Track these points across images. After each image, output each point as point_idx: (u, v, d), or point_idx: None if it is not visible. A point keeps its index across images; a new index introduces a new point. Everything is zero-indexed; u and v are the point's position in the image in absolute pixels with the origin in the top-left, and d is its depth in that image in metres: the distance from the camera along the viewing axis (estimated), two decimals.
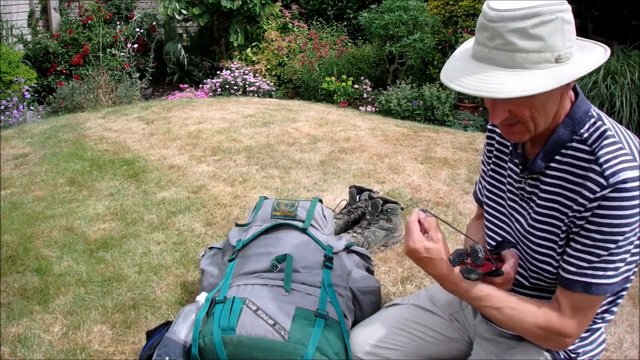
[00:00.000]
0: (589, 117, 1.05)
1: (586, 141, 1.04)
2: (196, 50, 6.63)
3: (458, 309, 1.43)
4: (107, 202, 2.70)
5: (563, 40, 0.94)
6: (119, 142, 3.60)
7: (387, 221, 2.27)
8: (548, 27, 0.92)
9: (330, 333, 1.36)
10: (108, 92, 5.30)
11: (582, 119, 1.05)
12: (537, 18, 0.92)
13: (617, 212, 0.98)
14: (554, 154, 1.07)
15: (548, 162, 1.08)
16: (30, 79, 5.32)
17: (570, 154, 1.06)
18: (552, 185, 1.08)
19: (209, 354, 1.33)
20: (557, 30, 0.93)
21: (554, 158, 1.08)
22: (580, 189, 1.02)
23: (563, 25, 0.93)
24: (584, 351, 1.23)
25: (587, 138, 1.04)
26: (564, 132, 1.05)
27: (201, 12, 5.84)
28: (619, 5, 4.46)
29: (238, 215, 2.54)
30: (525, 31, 0.92)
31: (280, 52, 5.99)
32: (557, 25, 0.93)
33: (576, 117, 1.05)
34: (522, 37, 0.93)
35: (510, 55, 0.94)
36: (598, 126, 1.04)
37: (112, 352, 1.65)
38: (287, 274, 1.52)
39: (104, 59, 6.04)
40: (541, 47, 0.93)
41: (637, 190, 0.97)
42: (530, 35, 0.92)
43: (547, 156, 1.08)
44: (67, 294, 1.94)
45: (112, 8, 6.91)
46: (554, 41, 0.93)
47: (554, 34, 0.93)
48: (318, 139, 3.62)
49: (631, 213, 0.98)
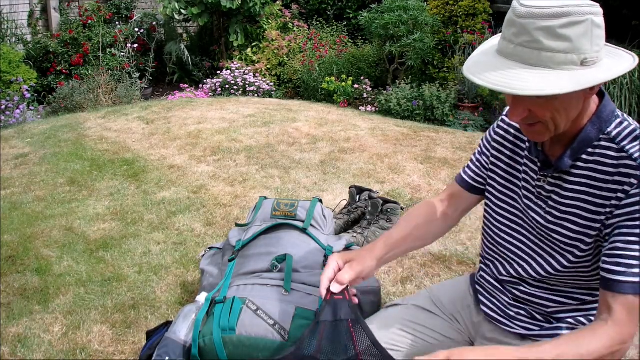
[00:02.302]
0: (616, 116, 1.05)
1: (614, 139, 1.03)
2: (196, 50, 6.63)
3: (459, 309, 1.43)
4: (107, 202, 2.70)
5: (591, 44, 0.93)
6: (119, 142, 3.60)
7: (387, 221, 2.27)
8: (577, 28, 0.91)
9: None
10: (108, 92, 5.30)
11: (608, 118, 1.04)
12: (566, 18, 0.90)
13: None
14: (581, 153, 1.06)
15: (575, 161, 1.07)
16: (30, 79, 5.32)
17: (598, 152, 1.04)
18: (578, 184, 1.07)
19: (209, 354, 1.33)
20: (587, 33, 0.92)
21: (581, 157, 1.06)
22: (613, 186, 1.01)
23: (593, 28, 0.92)
24: None
25: (616, 136, 1.03)
26: (592, 131, 1.04)
27: (201, 12, 5.84)
28: (619, 5, 4.46)
29: (238, 215, 2.54)
30: (554, 30, 0.91)
31: (280, 51, 6.00)
32: (587, 28, 0.92)
33: (603, 116, 1.04)
34: (549, 36, 0.91)
35: (535, 54, 0.93)
36: (625, 125, 1.04)
37: (112, 352, 1.65)
38: (287, 274, 1.52)
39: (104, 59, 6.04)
40: (568, 48, 0.92)
41: None
42: (558, 35, 0.91)
43: (574, 154, 1.06)
44: (67, 294, 1.94)
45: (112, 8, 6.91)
46: (582, 44, 0.92)
47: (583, 36, 0.92)
48: (318, 139, 3.62)
49: None
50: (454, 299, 1.43)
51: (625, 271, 0.99)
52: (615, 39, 4.17)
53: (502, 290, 1.28)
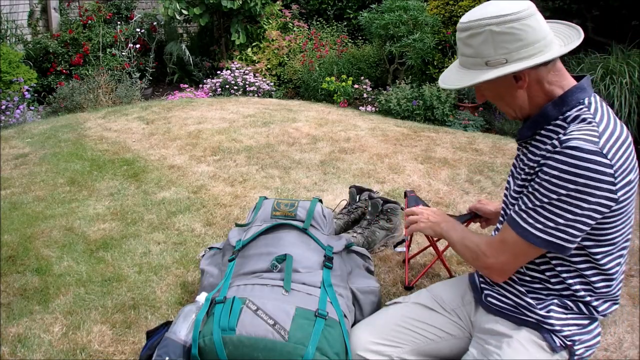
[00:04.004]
0: (580, 103, 1.19)
1: (566, 119, 1.19)
2: (196, 50, 6.63)
3: (460, 306, 1.44)
4: (107, 202, 2.70)
5: (495, 49, 1.16)
6: (119, 142, 3.60)
7: (387, 221, 2.27)
8: (477, 38, 1.17)
9: (330, 333, 1.36)
10: (108, 92, 5.30)
11: (571, 103, 1.19)
12: (468, 31, 1.18)
13: (558, 172, 1.10)
14: (538, 127, 1.23)
15: (533, 133, 1.24)
16: (31, 79, 5.32)
17: (552, 129, 1.21)
18: (531, 153, 1.23)
19: (209, 354, 1.33)
20: (486, 41, 1.16)
21: (539, 131, 1.23)
22: (543, 152, 1.18)
23: (493, 36, 1.15)
24: (580, 340, 1.26)
25: (568, 117, 1.19)
26: (552, 110, 1.20)
27: (201, 12, 5.84)
28: (619, 5, 4.46)
29: (238, 215, 2.54)
30: (463, 40, 1.21)
31: (280, 51, 5.99)
32: (486, 37, 1.15)
33: (567, 100, 1.19)
34: (463, 45, 1.21)
35: (462, 59, 1.24)
36: (583, 112, 1.17)
37: (112, 352, 1.65)
38: (287, 274, 1.51)
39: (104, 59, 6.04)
40: (472, 54, 1.19)
41: (585, 161, 1.08)
42: (467, 44, 1.20)
43: (532, 127, 1.24)
44: (67, 294, 1.94)
45: (112, 8, 6.91)
46: (483, 49, 1.17)
47: (483, 44, 1.16)
48: (318, 139, 3.62)
49: (572, 178, 1.09)
50: (454, 297, 1.46)
51: (515, 209, 1.21)
52: (614, 39, 4.17)
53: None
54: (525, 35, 1.13)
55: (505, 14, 1.13)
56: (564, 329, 1.24)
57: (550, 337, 1.24)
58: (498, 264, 1.25)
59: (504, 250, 1.23)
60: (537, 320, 1.26)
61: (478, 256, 1.29)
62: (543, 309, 1.25)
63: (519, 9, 1.13)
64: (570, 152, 1.09)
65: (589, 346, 1.27)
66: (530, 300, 1.27)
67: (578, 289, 1.23)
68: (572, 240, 1.13)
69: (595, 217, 1.11)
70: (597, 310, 1.25)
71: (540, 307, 1.26)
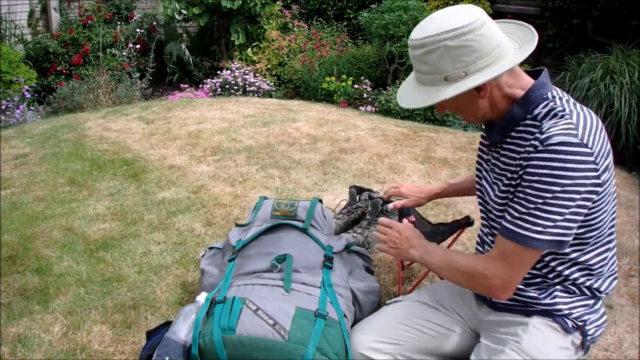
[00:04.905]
0: (544, 99, 1.18)
1: (536, 117, 1.18)
2: (196, 50, 6.63)
3: (460, 302, 1.44)
4: (107, 202, 2.70)
5: (452, 64, 1.13)
6: (119, 142, 3.60)
7: None
8: (433, 55, 1.13)
9: (330, 333, 1.36)
10: (108, 92, 5.30)
11: (536, 100, 1.18)
12: (423, 48, 1.14)
13: (547, 171, 1.09)
14: (508, 130, 1.22)
15: (504, 137, 1.23)
16: (31, 79, 5.32)
17: (523, 129, 1.19)
18: (507, 157, 1.22)
19: (209, 354, 1.33)
20: (442, 57, 1.13)
21: (510, 134, 1.22)
22: (523, 154, 1.16)
23: (449, 51, 1.12)
24: (590, 319, 1.27)
25: (538, 115, 1.18)
26: (518, 111, 1.20)
27: (201, 12, 5.84)
28: (619, 5, 4.46)
29: (238, 215, 2.54)
30: (419, 58, 1.17)
31: (280, 51, 5.99)
32: (442, 53, 1.12)
33: (531, 99, 1.19)
34: (418, 62, 1.18)
35: (418, 76, 1.20)
36: (551, 106, 1.17)
37: (112, 352, 1.65)
38: (287, 274, 1.52)
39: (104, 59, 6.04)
40: (430, 70, 1.16)
41: (570, 154, 1.07)
42: (423, 61, 1.16)
43: (502, 131, 1.23)
44: (67, 294, 1.94)
45: (112, 8, 6.91)
46: (441, 65, 1.14)
47: (439, 60, 1.13)
48: (318, 139, 3.62)
49: (562, 174, 1.08)
50: (453, 294, 1.46)
51: (509, 219, 1.16)
52: (615, 39, 4.17)
53: None
54: (481, 45, 1.12)
55: (458, 27, 1.10)
56: (573, 312, 1.25)
57: (562, 320, 1.25)
58: (502, 281, 1.18)
59: (507, 264, 1.17)
60: (545, 308, 1.26)
61: (476, 279, 1.21)
62: (547, 298, 1.26)
63: (471, 19, 1.11)
64: (555, 149, 1.08)
65: (598, 325, 1.29)
66: (533, 293, 1.27)
67: (577, 277, 1.24)
68: (570, 234, 1.13)
69: (587, 205, 1.11)
70: (600, 290, 1.26)
71: (544, 297, 1.26)
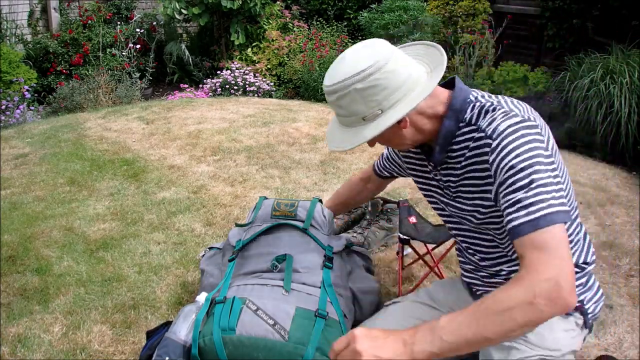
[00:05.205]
0: (468, 102, 1.19)
1: (471, 122, 1.18)
2: (196, 50, 6.63)
3: (456, 301, 1.43)
4: (107, 202, 2.70)
5: (365, 105, 1.13)
6: (119, 142, 3.60)
7: (387, 221, 2.27)
8: (345, 99, 1.14)
9: (330, 333, 1.36)
10: (108, 92, 5.30)
11: (462, 107, 1.19)
12: (335, 94, 1.14)
13: (513, 155, 1.07)
14: (447, 145, 1.22)
15: (446, 153, 1.23)
16: (31, 79, 5.32)
17: (462, 139, 1.19)
18: (460, 169, 1.21)
19: (209, 354, 1.33)
20: (354, 100, 1.13)
21: (451, 148, 1.22)
22: (483, 158, 1.15)
23: (359, 93, 1.12)
24: (587, 297, 1.26)
25: (471, 119, 1.18)
26: (450, 124, 1.20)
27: (201, 12, 5.84)
28: (619, 5, 4.46)
29: (238, 215, 2.54)
30: (334, 103, 1.17)
31: (280, 51, 5.99)
32: (353, 97, 1.12)
33: (456, 108, 1.19)
34: (335, 107, 1.18)
35: (339, 118, 1.21)
36: (479, 106, 1.18)
37: (112, 352, 1.65)
38: (287, 274, 1.51)
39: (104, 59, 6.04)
40: (347, 113, 1.16)
41: (522, 130, 1.08)
42: (338, 105, 1.17)
43: (442, 149, 1.22)
44: (67, 294, 1.94)
45: (112, 8, 6.91)
46: (355, 108, 1.14)
47: (352, 103, 1.13)
48: (318, 139, 3.62)
49: (527, 148, 1.06)
50: (451, 293, 1.46)
51: (517, 217, 1.03)
52: (615, 39, 4.17)
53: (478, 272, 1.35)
54: (389, 82, 1.11)
55: (365, 68, 1.10)
56: None
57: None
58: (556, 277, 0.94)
59: (545, 253, 0.97)
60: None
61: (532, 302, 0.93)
62: None
63: (377, 58, 1.11)
64: (507, 133, 1.08)
65: (595, 302, 1.27)
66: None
67: None
68: (567, 202, 1.08)
69: (556, 168, 1.11)
70: (586, 262, 1.25)
71: None
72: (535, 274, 0.95)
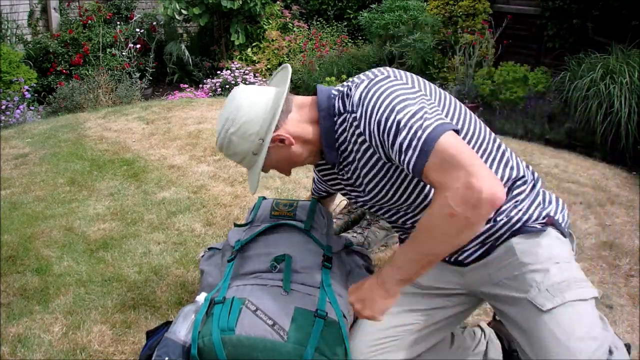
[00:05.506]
0: (333, 97, 1.28)
1: (340, 112, 1.26)
2: (196, 50, 6.63)
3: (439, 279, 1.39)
4: (107, 202, 2.70)
5: (245, 141, 1.28)
6: (119, 142, 3.60)
7: None
8: (230, 147, 1.31)
9: (329, 333, 1.36)
10: (108, 92, 5.30)
11: (329, 103, 1.28)
12: (223, 149, 1.33)
13: (372, 114, 1.14)
14: (334, 141, 1.29)
15: (337, 150, 1.30)
16: (31, 79, 5.32)
17: (342, 129, 1.27)
18: (356, 153, 1.26)
19: (209, 354, 1.33)
20: (235, 143, 1.30)
21: (339, 142, 1.29)
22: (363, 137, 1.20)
23: (235, 136, 1.28)
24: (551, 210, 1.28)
25: (339, 109, 1.27)
26: (325, 122, 1.28)
27: (201, 12, 5.85)
28: (619, 5, 4.46)
29: (238, 215, 2.54)
30: (228, 156, 1.35)
31: (280, 51, 6.00)
32: (232, 140, 1.29)
33: (325, 107, 1.28)
34: (232, 159, 1.36)
35: (242, 165, 1.35)
36: (341, 95, 1.27)
37: (112, 352, 1.65)
38: (286, 274, 1.51)
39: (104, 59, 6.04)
40: (241, 158, 1.33)
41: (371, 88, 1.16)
42: (231, 155, 1.34)
43: (330, 146, 1.30)
44: (67, 294, 1.94)
45: (112, 8, 6.91)
46: (241, 149, 1.30)
47: (238, 146, 1.30)
48: None
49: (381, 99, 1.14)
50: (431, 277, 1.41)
51: (407, 158, 1.09)
52: (615, 39, 4.17)
53: None
54: (254, 113, 1.27)
55: (228, 114, 1.29)
56: (531, 214, 1.24)
57: (529, 228, 1.23)
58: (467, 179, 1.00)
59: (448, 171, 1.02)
60: (508, 231, 1.24)
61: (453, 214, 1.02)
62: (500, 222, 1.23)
63: (231, 103, 1.29)
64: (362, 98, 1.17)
65: (561, 212, 1.29)
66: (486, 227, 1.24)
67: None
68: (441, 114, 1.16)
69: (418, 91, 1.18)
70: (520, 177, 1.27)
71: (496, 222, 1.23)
72: (445, 190, 1.03)
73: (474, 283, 1.33)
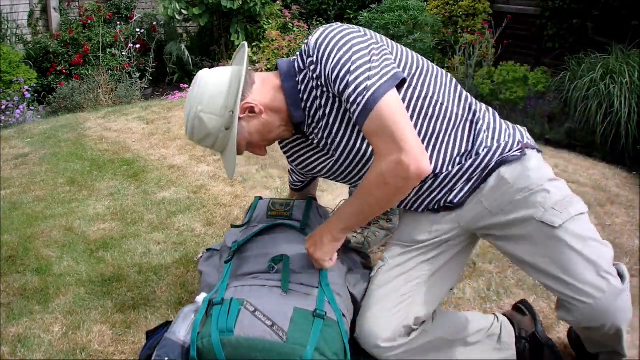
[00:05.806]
0: (293, 60, 1.33)
1: (301, 68, 1.29)
2: (196, 50, 6.63)
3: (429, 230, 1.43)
4: (107, 202, 2.71)
5: (217, 118, 1.29)
6: (119, 142, 3.60)
7: (387, 221, 2.27)
8: (202, 126, 1.31)
9: (329, 333, 1.36)
10: (108, 92, 5.30)
11: (289, 66, 1.32)
12: (193, 132, 1.33)
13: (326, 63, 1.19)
14: (298, 101, 1.32)
15: (304, 110, 1.33)
16: (31, 79, 5.32)
17: (305, 84, 1.29)
18: (324, 107, 1.29)
19: (208, 356, 1.34)
20: (206, 120, 1.30)
21: (304, 101, 1.31)
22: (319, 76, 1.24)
23: (205, 114, 1.30)
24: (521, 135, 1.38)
25: (300, 65, 1.30)
26: (288, 83, 1.31)
27: (201, 12, 5.84)
28: (619, 5, 4.46)
29: (238, 215, 2.54)
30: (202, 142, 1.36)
31: (280, 51, 5.99)
32: (203, 119, 1.30)
33: (285, 70, 1.32)
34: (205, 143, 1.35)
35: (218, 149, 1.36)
36: (298, 56, 1.31)
37: (112, 352, 1.65)
38: (285, 275, 1.51)
39: (104, 59, 6.04)
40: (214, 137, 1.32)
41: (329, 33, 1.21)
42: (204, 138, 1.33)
43: (296, 107, 1.32)
44: (67, 294, 1.94)
45: (112, 8, 6.91)
46: (212, 125, 1.30)
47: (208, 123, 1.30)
48: None
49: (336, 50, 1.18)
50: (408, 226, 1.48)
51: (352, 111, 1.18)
52: (615, 39, 4.16)
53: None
54: (218, 86, 1.30)
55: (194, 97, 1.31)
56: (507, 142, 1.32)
57: (512, 156, 1.31)
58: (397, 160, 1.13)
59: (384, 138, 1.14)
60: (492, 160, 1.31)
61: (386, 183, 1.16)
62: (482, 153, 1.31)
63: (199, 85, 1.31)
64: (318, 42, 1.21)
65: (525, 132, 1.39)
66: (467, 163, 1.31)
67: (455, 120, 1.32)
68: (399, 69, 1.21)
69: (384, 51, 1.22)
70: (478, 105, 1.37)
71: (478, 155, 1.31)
72: (380, 159, 1.15)
73: (472, 221, 1.37)
